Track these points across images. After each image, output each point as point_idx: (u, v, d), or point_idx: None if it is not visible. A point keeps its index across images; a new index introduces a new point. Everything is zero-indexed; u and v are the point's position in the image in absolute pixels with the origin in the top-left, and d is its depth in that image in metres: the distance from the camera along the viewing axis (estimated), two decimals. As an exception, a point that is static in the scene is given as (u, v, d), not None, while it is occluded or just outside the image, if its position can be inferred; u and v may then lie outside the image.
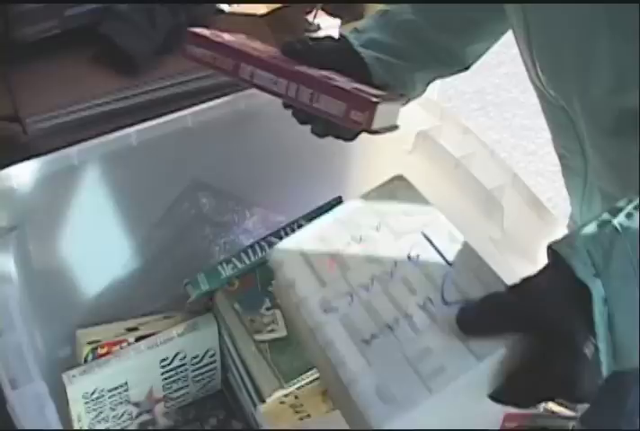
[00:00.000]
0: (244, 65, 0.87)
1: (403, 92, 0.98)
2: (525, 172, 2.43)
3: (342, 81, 0.88)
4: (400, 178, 0.86)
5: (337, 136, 0.93)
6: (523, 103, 2.66)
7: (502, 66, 2.75)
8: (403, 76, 0.97)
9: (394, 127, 0.87)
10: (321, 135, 0.92)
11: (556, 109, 0.87)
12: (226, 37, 0.93)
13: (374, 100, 0.82)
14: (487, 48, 1.01)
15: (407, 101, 0.99)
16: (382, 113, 0.83)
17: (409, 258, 0.78)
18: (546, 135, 0.99)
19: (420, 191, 0.85)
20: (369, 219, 0.83)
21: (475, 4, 0.97)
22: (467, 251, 0.78)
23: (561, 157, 0.99)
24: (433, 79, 1.01)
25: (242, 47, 0.89)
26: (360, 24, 0.99)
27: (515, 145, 2.58)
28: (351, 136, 0.93)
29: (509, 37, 0.94)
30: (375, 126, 0.82)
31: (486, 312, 0.68)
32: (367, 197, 0.85)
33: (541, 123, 0.96)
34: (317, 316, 0.76)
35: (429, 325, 0.72)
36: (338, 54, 0.95)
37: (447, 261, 0.77)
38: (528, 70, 0.90)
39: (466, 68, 1.02)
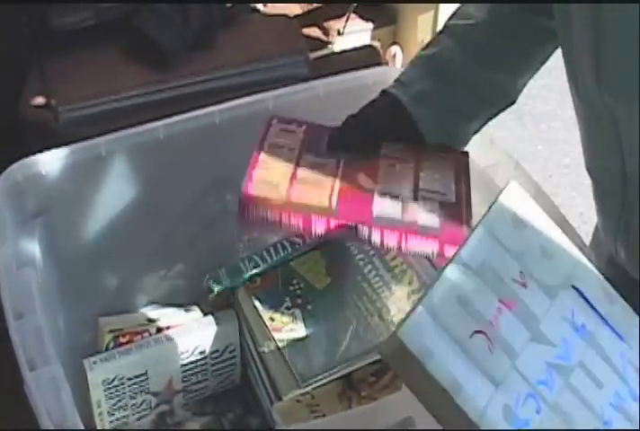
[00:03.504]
0: (315, 219, 0.85)
1: (452, 145, 0.98)
2: (558, 186, 2.41)
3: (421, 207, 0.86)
4: (514, 187, 0.79)
5: None
6: (559, 115, 2.64)
7: (541, 78, 2.72)
8: (455, 131, 0.97)
9: None
10: None
11: (605, 124, 0.84)
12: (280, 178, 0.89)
13: (465, 230, 0.82)
14: (532, 76, 1.01)
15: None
16: None
17: (576, 331, 0.72)
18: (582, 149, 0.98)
19: (534, 203, 0.78)
20: (507, 265, 0.73)
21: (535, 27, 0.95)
22: (631, 317, 0.74)
23: (596, 180, 0.97)
24: (481, 127, 1.00)
25: (303, 199, 0.85)
26: (403, 75, 0.98)
27: (549, 157, 2.56)
28: None
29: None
30: None
31: None
32: (487, 224, 0.74)
33: (577, 136, 0.95)
34: None
35: None
36: (384, 123, 0.95)
37: (615, 332, 0.73)
38: (576, 82, 0.87)
39: (513, 102, 1.01)
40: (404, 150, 0.97)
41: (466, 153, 1.02)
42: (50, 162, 0.99)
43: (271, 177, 0.89)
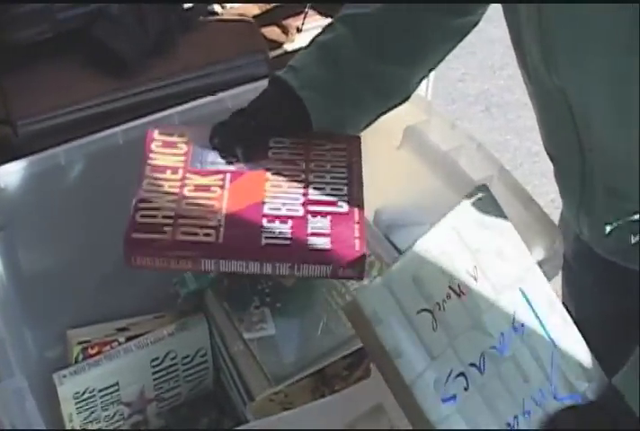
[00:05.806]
0: (205, 260, 0.85)
1: (341, 132, 0.99)
2: (529, 174, 2.42)
3: (317, 225, 0.87)
4: (484, 188, 0.82)
5: None
6: (527, 105, 2.64)
7: (507, 68, 2.74)
8: (344, 118, 0.97)
9: None
10: None
11: (558, 103, 0.85)
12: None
13: (360, 254, 0.85)
14: (431, 72, 1.00)
15: None
16: None
17: (514, 329, 0.77)
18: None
19: (500, 205, 0.82)
20: (464, 259, 0.78)
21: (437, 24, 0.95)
22: (570, 329, 0.79)
23: (554, 159, 0.98)
24: (374, 120, 1.00)
25: (190, 236, 0.85)
26: (295, 61, 0.97)
27: (519, 146, 2.57)
28: None
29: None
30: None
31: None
32: (453, 219, 0.78)
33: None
34: (437, 407, 0.71)
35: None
36: (274, 110, 0.94)
37: (550, 338, 0.78)
38: (526, 64, 0.87)
39: (408, 98, 1.00)
40: (292, 141, 0.97)
41: (358, 136, 1.00)
42: (9, 174, 0.99)
43: (154, 216, 0.89)
